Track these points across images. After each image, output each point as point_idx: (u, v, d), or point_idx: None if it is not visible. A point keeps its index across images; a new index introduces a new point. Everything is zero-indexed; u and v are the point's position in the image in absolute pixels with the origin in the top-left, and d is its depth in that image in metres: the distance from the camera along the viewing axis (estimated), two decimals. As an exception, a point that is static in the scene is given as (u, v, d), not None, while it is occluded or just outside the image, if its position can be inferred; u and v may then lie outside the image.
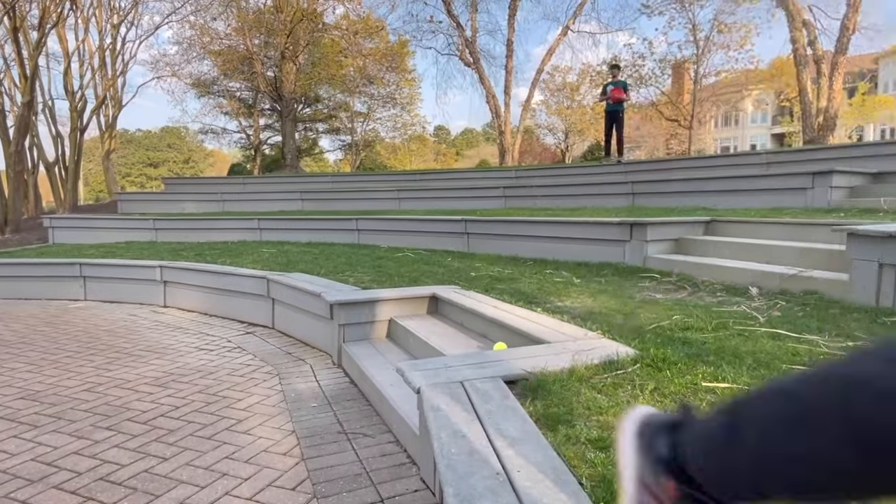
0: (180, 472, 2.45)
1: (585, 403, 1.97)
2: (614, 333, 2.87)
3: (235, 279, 5.65)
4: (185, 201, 13.12)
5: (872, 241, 3.45)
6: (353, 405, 3.28)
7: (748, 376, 2.15)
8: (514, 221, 6.80)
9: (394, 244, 8.10)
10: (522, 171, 13.35)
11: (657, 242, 5.40)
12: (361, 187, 13.43)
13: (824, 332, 2.80)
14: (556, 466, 1.46)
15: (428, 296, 4.29)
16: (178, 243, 9.27)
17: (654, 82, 24.33)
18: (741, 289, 4.16)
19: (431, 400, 1.94)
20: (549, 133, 40.94)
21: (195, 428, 2.95)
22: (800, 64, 14.28)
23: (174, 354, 4.44)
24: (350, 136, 32.64)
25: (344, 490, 2.28)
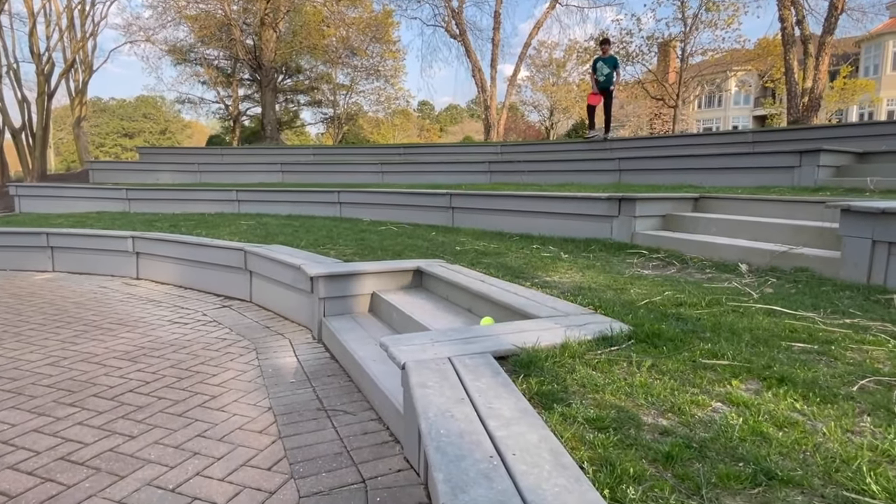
0: (148, 452, 2.31)
1: (580, 381, 1.87)
2: (606, 309, 2.77)
3: (212, 251, 5.43)
4: (161, 171, 12.68)
5: (866, 217, 3.38)
6: (333, 381, 3.15)
7: (748, 353, 2.06)
8: (501, 196, 6.66)
9: (377, 218, 7.92)
10: (508, 147, 13.15)
11: (645, 218, 5.31)
12: (344, 160, 13.13)
13: (819, 310, 2.73)
14: (554, 448, 1.35)
15: (412, 269, 4.15)
16: (152, 214, 8.94)
17: (640, 60, 24.09)
18: (730, 265, 4.10)
19: (418, 376, 1.81)
20: (533, 110, 40.62)
21: (166, 404, 2.80)
22: (787, 43, 14.17)
23: (146, 328, 4.25)
24: (332, 108, 31.92)
25: (323, 470, 2.16)
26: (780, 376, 1.82)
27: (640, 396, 1.73)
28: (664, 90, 24.76)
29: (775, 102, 33.69)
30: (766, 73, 28.66)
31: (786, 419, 1.53)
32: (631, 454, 1.37)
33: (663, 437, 1.48)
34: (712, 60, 26.02)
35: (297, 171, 12.24)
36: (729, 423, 1.52)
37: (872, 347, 2.12)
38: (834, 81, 29.45)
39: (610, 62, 10.63)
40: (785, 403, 1.63)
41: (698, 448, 1.40)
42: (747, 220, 4.71)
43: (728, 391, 1.75)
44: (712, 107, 40.48)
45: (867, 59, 33.06)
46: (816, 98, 14.00)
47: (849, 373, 1.86)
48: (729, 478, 1.25)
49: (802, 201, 4.74)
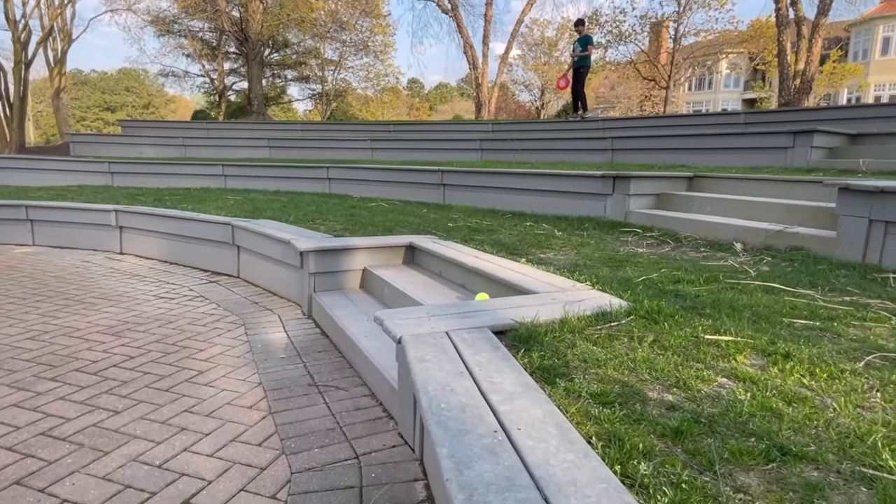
0: (133, 427, 2.23)
1: (581, 356, 1.82)
2: (604, 285, 2.72)
3: (198, 225, 5.29)
4: (144, 145, 12.37)
5: (863, 196, 3.36)
6: (324, 357, 3.08)
7: (750, 329, 2.02)
8: (494, 173, 6.57)
9: (367, 194, 7.80)
10: (499, 126, 13.00)
11: (639, 197, 5.26)
12: (333, 136, 12.89)
13: (817, 288, 2.71)
14: (560, 423, 1.29)
15: (404, 245, 4.07)
16: (135, 188, 8.72)
17: (633, 39, 23.89)
18: (725, 244, 4.07)
19: (415, 351, 1.75)
20: (524, 90, 40.25)
21: (151, 379, 2.71)
22: (781, 24, 14.11)
23: (130, 302, 4.14)
24: (320, 84, 31.33)
25: (315, 446, 2.10)
26: (785, 352, 1.78)
27: (644, 371, 1.69)
28: (656, 71, 24.63)
29: (765, 86, 33.72)
30: (758, 55, 28.59)
31: (794, 395, 1.49)
32: (639, 429, 1.32)
33: (670, 412, 1.43)
34: (704, 42, 25.91)
35: (284, 147, 12.01)
36: (737, 398, 1.48)
37: (875, 324, 2.10)
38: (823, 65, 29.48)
39: (582, 41, 10.56)
40: (792, 379, 1.60)
41: (707, 423, 1.35)
42: (742, 199, 4.68)
43: (733, 366, 1.71)
44: (702, 89, 40.42)
45: (856, 44, 33.10)
46: (808, 80, 14.00)
47: (854, 349, 1.83)
48: (741, 453, 1.21)
49: (798, 181, 4.72)
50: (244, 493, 1.79)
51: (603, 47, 24.32)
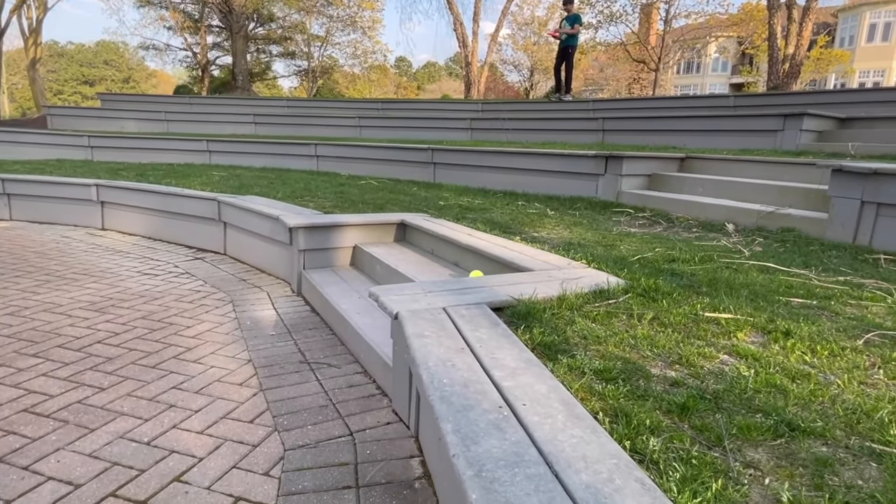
0: (120, 404, 2.17)
1: (581, 332, 1.79)
2: (599, 263, 2.70)
3: (183, 201, 5.16)
4: (125, 119, 12.04)
5: (856, 178, 3.36)
6: (315, 334, 3.03)
7: (748, 307, 2.01)
8: (485, 152, 6.49)
9: (355, 172, 7.68)
10: (489, 105, 12.87)
11: (631, 177, 5.24)
12: (320, 113, 12.66)
13: (811, 267, 2.71)
14: (565, 399, 1.27)
15: (396, 222, 4.01)
16: (116, 163, 8.49)
17: (624, 20, 23.70)
18: (717, 225, 4.08)
19: (413, 326, 1.71)
20: (513, 70, 39.85)
21: (137, 356, 2.64)
22: (772, 7, 14.04)
23: (113, 279, 4.04)
24: (306, 61, 30.69)
25: (308, 423, 2.06)
26: (785, 330, 1.77)
27: (645, 348, 1.67)
28: (645, 53, 24.50)
29: (753, 70, 33.80)
30: (748, 39, 28.58)
31: (798, 371, 1.48)
32: (645, 406, 1.30)
33: (675, 388, 1.41)
34: (695, 24, 25.81)
35: (270, 123, 11.77)
36: (741, 374, 1.47)
37: (871, 303, 2.10)
38: (811, 51, 29.59)
39: (570, 19, 10.34)
40: (794, 356, 1.59)
41: (713, 400, 1.34)
42: (734, 180, 4.68)
43: (734, 344, 1.70)
44: (690, 73, 40.42)
45: (843, 31, 33.22)
46: (797, 65, 14.01)
47: (852, 327, 1.83)
48: (749, 429, 1.20)
49: (789, 163, 4.72)
50: (236, 470, 1.75)
51: (594, 28, 24.11)
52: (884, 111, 7.30)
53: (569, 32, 10.34)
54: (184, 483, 1.69)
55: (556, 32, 10.46)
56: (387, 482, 1.69)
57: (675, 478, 1.03)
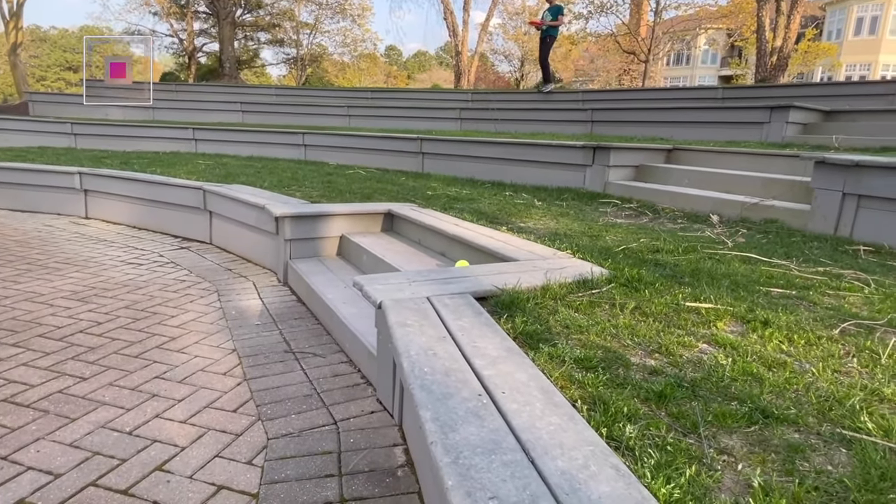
0: (102, 393, 2.16)
1: (563, 322, 1.80)
2: (584, 254, 2.71)
3: (168, 189, 5.10)
4: (109, 107, 11.84)
5: (839, 170, 3.40)
6: (300, 324, 3.03)
7: (729, 297, 2.04)
8: (473, 142, 6.48)
9: (343, 162, 7.63)
10: (479, 95, 12.82)
11: (619, 168, 5.26)
12: (308, 102, 12.54)
13: (792, 258, 2.75)
14: (545, 387, 1.28)
15: (383, 212, 4.00)
16: (100, 151, 8.35)
17: (614, 10, 23.66)
18: (702, 216, 4.11)
19: (396, 315, 1.71)
20: (504, 60, 39.70)
21: (120, 345, 2.62)
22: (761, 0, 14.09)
23: (97, 268, 3.99)
24: (295, 49, 30.33)
25: (292, 412, 2.07)
26: (764, 319, 1.80)
27: (626, 337, 1.69)
28: (636, 44, 24.49)
29: (741, 63, 33.93)
30: (737, 31, 28.64)
31: (774, 360, 1.51)
32: (623, 393, 1.32)
33: (653, 376, 1.43)
34: (685, 16, 25.83)
35: (258, 112, 11.64)
36: (718, 363, 1.49)
37: (848, 293, 2.14)
38: (798, 44, 29.78)
39: (553, 11, 10.29)
40: (771, 345, 1.61)
41: (690, 387, 1.36)
42: (719, 172, 4.71)
43: (713, 333, 1.72)
44: (680, 65, 40.52)
45: (831, 24, 33.41)
46: (785, 57, 14.09)
47: (829, 316, 1.86)
48: (724, 416, 1.22)
49: (774, 155, 4.76)
50: (219, 459, 1.75)
51: (584, 18, 24.06)
52: (867, 104, 7.40)
53: (551, 24, 10.27)
54: (165, 472, 1.68)
55: (538, 21, 10.38)
56: (370, 470, 1.70)
57: (649, 464, 1.04)
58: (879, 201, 3.22)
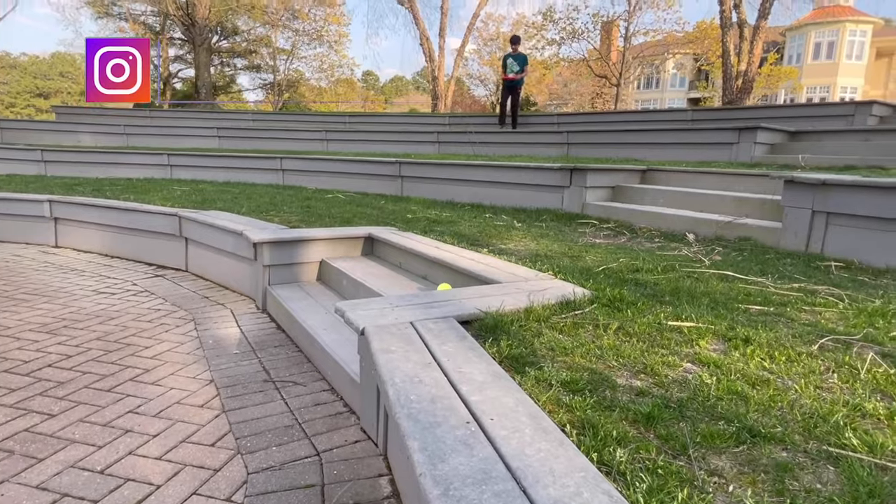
0: (72, 431, 2.06)
1: (548, 344, 1.80)
2: (566, 274, 2.73)
3: (142, 216, 5.01)
4: (82, 133, 11.66)
5: (807, 188, 3.51)
6: (280, 352, 2.96)
7: (710, 315, 2.06)
8: (452, 165, 6.53)
9: (322, 186, 7.60)
10: (456, 118, 12.98)
11: (596, 189, 5.34)
12: (286, 127, 12.53)
13: (767, 275, 2.80)
14: (533, 413, 1.26)
15: (363, 236, 3.97)
16: (72, 178, 8.18)
17: (585, 37, 24.37)
18: (678, 235, 4.18)
19: (380, 342, 1.68)
20: (479, 84, 40.39)
21: (92, 379, 2.53)
22: (725, 26, 14.66)
23: (67, 298, 3.87)
24: (272, 74, 30.43)
25: (273, 444, 2.00)
26: (745, 337, 1.82)
27: (611, 358, 1.68)
28: (607, 69, 25.21)
29: (708, 86, 35.09)
30: (703, 56, 29.69)
31: (757, 378, 1.52)
32: (611, 416, 1.31)
33: (640, 398, 1.43)
34: (653, 42, 26.72)
35: (235, 137, 11.57)
36: (703, 382, 1.49)
37: (824, 309, 2.18)
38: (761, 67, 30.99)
39: (519, 60, 10.26)
40: (754, 363, 1.63)
41: (677, 408, 1.35)
42: (693, 191, 4.82)
43: (696, 352, 1.73)
44: (650, 88, 41.71)
45: (791, 48, 34.88)
46: (750, 81, 14.64)
47: (807, 332, 1.89)
48: (713, 437, 1.21)
49: (745, 174, 4.90)
50: (197, 497, 1.68)
51: (557, 44, 24.71)
52: (829, 125, 7.69)
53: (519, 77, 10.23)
54: (139, 513, 1.61)
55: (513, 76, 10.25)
56: (355, 503, 1.65)
57: (641, 489, 1.03)
58: (847, 218, 3.32)
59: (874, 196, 3.18)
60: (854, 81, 32.65)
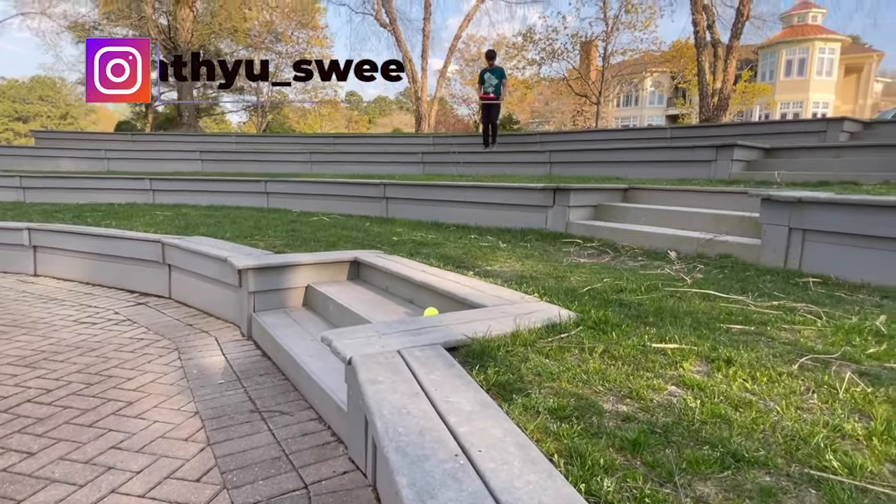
0: (52, 469, 2.02)
1: (535, 369, 1.81)
2: (551, 296, 2.75)
3: (124, 243, 4.95)
4: (62, 158, 11.55)
5: (783, 206, 3.60)
6: (266, 380, 2.93)
7: (692, 336, 2.09)
8: (437, 186, 6.57)
9: (307, 209, 7.59)
10: (440, 138, 13.10)
11: (579, 208, 5.41)
12: (270, 149, 12.54)
13: (748, 293, 2.85)
14: (521, 442, 1.27)
15: (349, 260, 3.97)
16: (51, 204, 8.08)
17: (565, 57, 24.83)
18: (661, 253, 4.24)
19: (367, 372, 1.68)
20: (462, 104, 40.88)
21: (72, 414, 2.48)
22: (700, 46, 15.07)
23: (46, 329, 3.79)
24: (255, 96, 30.48)
25: (259, 478, 1.98)
26: (727, 357, 1.85)
27: (597, 383, 1.70)
28: (587, 87, 25.67)
29: (686, 103, 35.90)
30: (679, 74, 30.41)
31: (740, 400, 1.54)
32: (598, 444, 1.32)
33: (626, 423, 1.44)
34: (631, 61, 27.29)
35: (218, 160, 11.54)
36: (688, 406, 1.51)
37: (802, 327, 2.23)
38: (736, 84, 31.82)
39: (497, 73, 10.08)
40: (736, 384, 1.66)
41: (663, 433, 1.37)
42: (674, 209, 4.90)
43: (681, 374, 1.76)
44: (629, 106, 42.55)
45: (764, 66, 35.93)
46: (725, 98, 15.01)
47: (787, 352, 1.93)
48: (698, 462, 1.23)
49: (724, 192, 5.00)
50: (182, 536, 1.65)
51: (537, 64, 25.15)
52: (803, 141, 7.90)
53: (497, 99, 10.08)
54: (123, 555, 1.57)
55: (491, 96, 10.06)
56: (343, 537, 1.63)
57: (629, 519, 1.04)
58: (822, 234, 3.41)
59: (847, 213, 3.28)
60: (825, 97, 33.68)
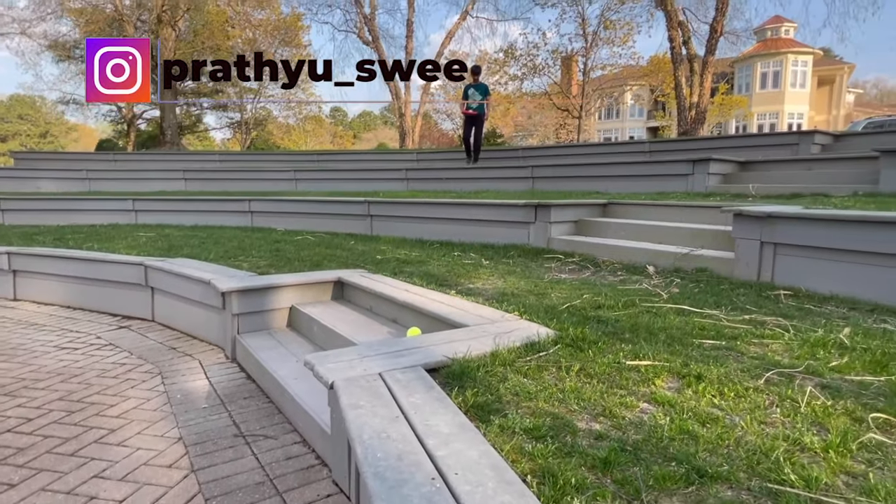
0: (33, 501, 2.01)
1: (513, 389, 1.86)
2: (531, 314, 2.81)
3: (106, 266, 4.93)
4: (41, 179, 11.44)
5: (754, 220, 3.71)
6: (251, 403, 2.94)
7: (666, 352, 2.16)
8: (421, 203, 6.64)
9: (292, 227, 7.61)
10: (424, 154, 13.21)
11: (560, 224, 5.51)
12: (254, 167, 12.54)
13: (721, 307, 2.94)
14: (496, 464, 1.32)
15: (332, 280, 4.00)
16: (31, 227, 8.00)
17: (546, 72, 25.26)
18: (639, 267, 4.34)
19: (348, 397, 1.72)
20: (446, 118, 41.22)
21: (54, 443, 2.47)
22: (676, 61, 15.49)
23: (26, 355, 3.76)
24: (239, 113, 30.48)
25: (244, 503, 1.99)
26: (697, 373, 1.92)
27: (573, 401, 1.76)
28: (569, 101, 26.10)
29: (665, 115, 36.63)
30: (658, 87, 31.04)
31: (707, 415, 1.61)
32: (570, 463, 1.37)
33: (599, 441, 1.50)
34: (611, 75, 27.85)
35: (202, 179, 11.51)
36: (658, 423, 1.57)
37: (771, 341, 2.31)
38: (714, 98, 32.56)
39: (481, 89, 10.18)
40: (705, 400, 1.72)
41: (633, 451, 1.43)
42: (652, 224, 5.02)
43: (653, 391, 1.82)
44: (611, 118, 43.24)
45: (740, 79, 36.84)
46: (702, 111, 15.38)
47: (755, 366, 2.00)
48: (664, 479, 1.29)
49: (699, 206, 5.13)
50: (165, 565, 1.66)
51: (519, 79, 25.54)
52: (776, 154, 8.13)
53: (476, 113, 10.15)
54: (106, 586, 1.58)
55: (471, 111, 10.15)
56: (327, 561, 1.65)
57: (597, 536, 1.09)
58: (792, 248, 3.52)
59: (815, 227, 3.40)
60: (800, 108, 34.57)
